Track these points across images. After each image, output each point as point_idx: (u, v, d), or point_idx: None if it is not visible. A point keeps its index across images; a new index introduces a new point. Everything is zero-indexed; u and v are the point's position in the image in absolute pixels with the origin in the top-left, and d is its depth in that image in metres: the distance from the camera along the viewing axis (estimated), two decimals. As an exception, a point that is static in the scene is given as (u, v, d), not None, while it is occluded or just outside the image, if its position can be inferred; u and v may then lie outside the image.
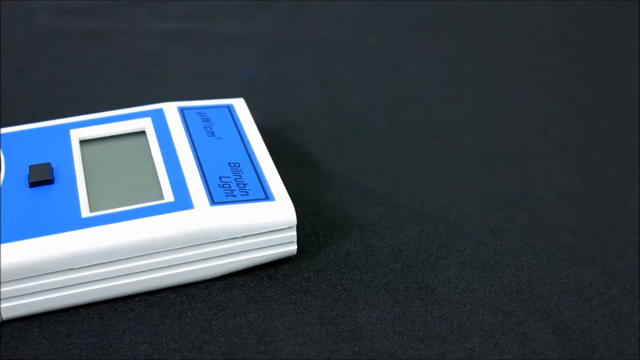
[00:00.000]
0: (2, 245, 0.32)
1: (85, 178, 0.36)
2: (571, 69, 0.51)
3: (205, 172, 0.36)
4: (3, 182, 0.36)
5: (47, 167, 0.36)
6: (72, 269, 0.33)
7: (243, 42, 0.55)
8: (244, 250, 0.35)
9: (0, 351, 0.32)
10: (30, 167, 0.36)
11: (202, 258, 0.34)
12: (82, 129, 0.39)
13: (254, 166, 0.37)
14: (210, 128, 0.39)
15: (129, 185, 0.36)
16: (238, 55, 0.53)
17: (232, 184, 0.36)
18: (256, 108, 0.43)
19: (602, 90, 0.49)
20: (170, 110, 0.40)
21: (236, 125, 0.40)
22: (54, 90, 0.50)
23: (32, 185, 0.35)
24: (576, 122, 0.46)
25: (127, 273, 0.34)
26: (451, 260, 0.37)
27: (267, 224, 0.34)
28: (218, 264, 0.35)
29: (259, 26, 0.57)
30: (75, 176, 0.36)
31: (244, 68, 0.51)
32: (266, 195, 0.35)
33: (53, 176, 0.36)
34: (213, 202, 0.34)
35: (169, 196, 0.35)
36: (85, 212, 0.34)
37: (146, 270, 0.34)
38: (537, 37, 0.55)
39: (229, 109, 0.41)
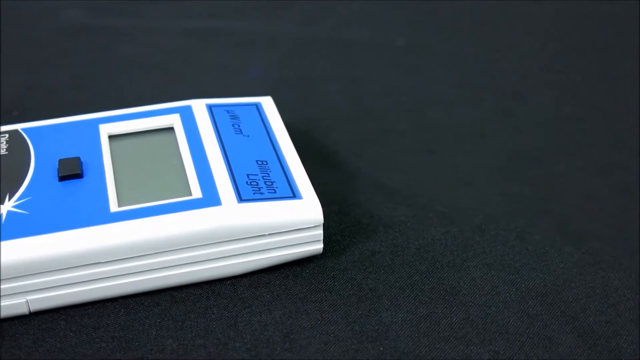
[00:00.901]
0: (31, 238, 0.33)
1: (114, 173, 0.36)
2: (595, 71, 0.51)
3: (233, 169, 0.36)
4: (32, 175, 0.36)
5: (77, 161, 0.36)
6: (99, 262, 0.33)
7: (269, 41, 0.55)
8: (270, 247, 0.35)
9: (29, 342, 0.33)
10: (59, 160, 0.36)
11: (229, 255, 0.34)
12: (111, 124, 0.39)
13: (281, 164, 0.37)
14: (238, 125, 0.39)
15: (157, 181, 0.36)
16: (264, 54, 0.53)
17: (259, 182, 0.36)
18: (281, 107, 0.43)
19: (625, 92, 0.49)
20: (199, 107, 0.40)
21: (264, 123, 0.40)
22: (81, 86, 0.50)
23: (62, 178, 0.36)
24: (600, 125, 0.46)
25: (154, 268, 0.34)
26: (476, 262, 0.37)
27: (294, 222, 0.35)
28: (244, 261, 0.35)
29: (285, 25, 0.57)
30: (104, 171, 0.36)
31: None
32: (293, 194, 0.35)
33: (82, 170, 0.36)
34: (241, 199, 0.34)
35: (197, 192, 0.35)
36: (113, 207, 0.34)
37: (173, 266, 0.34)
38: (560, 40, 0.55)
39: (257, 107, 0.41)
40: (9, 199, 0.35)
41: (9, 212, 0.34)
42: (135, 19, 0.58)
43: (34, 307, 0.34)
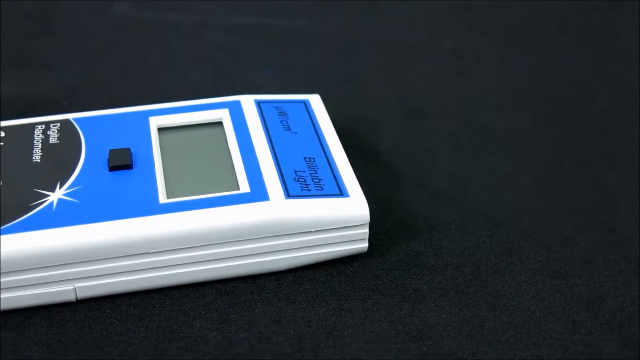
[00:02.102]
0: (81, 226, 0.33)
1: (163, 165, 0.37)
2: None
3: (281, 165, 0.36)
4: (83, 164, 0.36)
5: (127, 152, 0.37)
6: (147, 253, 0.33)
7: (316, 40, 0.55)
8: (315, 244, 0.35)
9: (75, 329, 0.33)
10: (110, 151, 0.37)
11: (274, 250, 0.35)
12: (160, 116, 0.40)
13: (329, 162, 0.37)
14: (287, 122, 0.40)
15: (206, 174, 0.37)
16: (310, 53, 0.54)
17: (307, 179, 0.36)
18: (328, 105, 0.43)
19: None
20: (248, 102, 0.41)
21: (312, 121, 0.40)
22: (129, 79, 0.51)
23: (112, 169, 0.36)
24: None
25: (200, 260, 0.34)
26: (521, 267, 0.36)
27: (341, 219, 0.35)
28: (289, 257, 0.35)
29: (331, 25, 0.57)
30: (154, 162, 0.37)
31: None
32: (341, 192, 0.35)
33: (132, 161, 0.36)
34: (288, 195, 0.35)
35: (244, 187, 0.35)
36: (162, 198, 0.34)
37: (218, 259, 0.34)
38: (612, 47, 0.54)
39: (305, 104, 0.41)
40: (60, 187, 0.35)
41: (59, 200, 0.34)
42: (184, 14, 0.58)
43: (81, 295, 0.34)
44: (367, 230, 0.35)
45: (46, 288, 0.33)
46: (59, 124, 0.39)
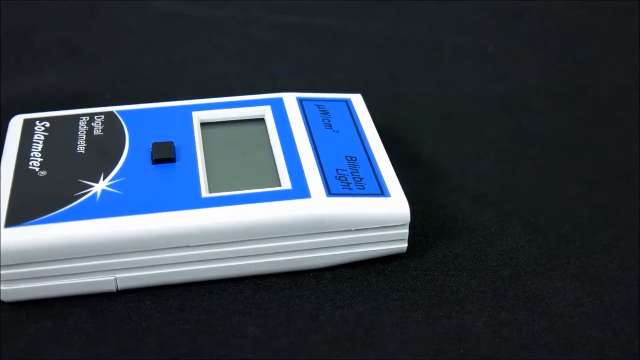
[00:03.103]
0: (123, 217, 0.33)
1: (205, 159, 0.37)
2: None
3: (322, 163, 0.37)
4: (127, 156, 0.37)
5: (170, 145, 0.37)
6: (188, 246, 0.34)
7: (359, 39, 0.55)
8: (355, 243, 0.35)
9: (115, 319, 0.33)
10: (153, 144, 0.37)
11: (314, 247, 0.35)
12: (203, 111, 0.40)
13: (370, 161, 0.37)
14: (328, 120, 0.40)
15: (247, 170, 0.37)
16: (352, 52, 0.54)
17: (348, 177, 0.36)
18: (369, 105, 0.43)
19: None
20: (290, 100, 0.41)
21: (354, 120, 0.40)
22: (170, 74, 0.51)
23: (155, 162, 0.36)
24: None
25: (240, 255, 0.34)
26: (560, 272, 0.36)
27: (381, 219, 0.35)
28: (328, 255, 0.35)
29: (373, 25, 0.57)
30: (196, 156, 0.37)
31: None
32: (382, 191, 0.35)
33: (175, 155, 0.37)
34: (330, 193, 0.35)
35: (286, 184, 0.35)
36: (204, 192, 0.35)
37: (258, 254, 0.35)
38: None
39: (347, 103, 0.41)
40: (104, 179, 0.35)
41: (103, 191, 0.35)
42: (226, 11, 0.58)
43: (122, 285, 0.34)
44: (407, 230, 0.35)
45: (88, 278, 0.34)
46: (103, 116, 0.40)
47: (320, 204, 0.34)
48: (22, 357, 0.32)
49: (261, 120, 0.40)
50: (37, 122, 0.39)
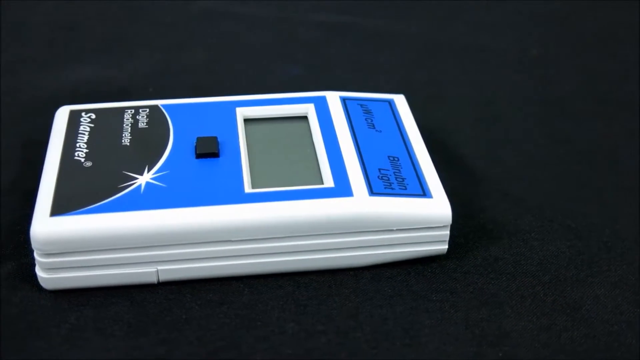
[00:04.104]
0: (167, 210, 0.34)
1: (249, 155, 0.37)
2: None
3: (365, 162, 0.37)
4: (171, 150, 0.37)
5: (214, 140, 0.37)
6: (230, 241, 0.34)
7: (400, 40, 0.55)
8: (396, 243, 0.35)
9: (156, 311, 0.34)
10: (197, 138, 0.37)
11: (355, 246, 0.35)
12: (247, 107, 0.40)
13: (412, 162, 0.37)
14: (371, 120, 0.40)
15: (290, 167, 0.37)
16: (393, 53, 0.54)
17: (390, 177, 0.36)
18: (410, 106, 0.43)
19: None
20: (333, 98, 0.41)
21: (396, 120, 0.40)
22: (212, 70, 0.51)
23: (199, 156, 0.37)
24: None
25: (281, 251, 0.35)
26: (601, 279, 0.36)
27: (423, 220, 0.35)
28: (369, 254, 0.35)
29: (417, 26, 0.57)
30: (240, 152, 0.37)
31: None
32: (424, 192, 0.35)
33: (219, 150, 0.37)
34: (372, 192, 0.35)
35: (328, 182, 0.35)
36: (247, 188, 0.35)
37: (299, 251, 0.35)
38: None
39: (390, 103, 0.41)
40: (148, 171, 0.36)
41: (147, 184, 0.35)
42: (267, 9, 0.59)
43: (163, 277, 0.35)
44: (448, 232, 0.35)
45: (130, 269, 0.34)
46: (148, 110, 0.40)
47: (362, 203, 0.34)
48: (64, 344, 0.32)
49: (304, 118, 0.40)
50: (83, 114, 0.40)
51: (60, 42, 0.54)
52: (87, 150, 0.37)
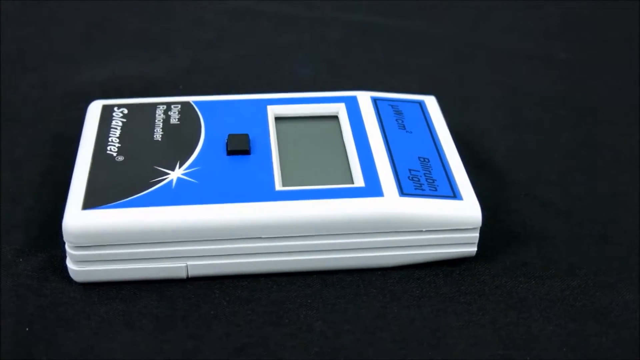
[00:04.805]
0: (198, 206, 0.34)
1: (280, 153, 0.37)
2: None
3: (395, 162, 0.37)
4: (202, 146, 0.37)
5: (246, 137, 0.37)
6: (260, 238, 0.34)
7: (430, 42, 0.55)
8: (425, 244, 0.35)
9: (184, 306, 0.34)
10: (229, 135, 0.38)
11: (384, 246, 0.35)
12: (278, 106, 0.40)
13: (443, 164, 0.37)
14: (402, 121, 0.40)
15: (321, 166, 0.37)
16: (423, 54, 0.54)
17: (421, 178, 0.36)
18: (440, 108, 0.43)
19: None
20: (364, 98, 0.41)
21: (427, 122, 0.40)
22: (242, 68, 0.52)
23: (230, 153, 0.37)
24: None
25: (309, 250, 0.35)
26: (630, 285, 0.36)
27: (453, 221, 0.35)
28: (398, 254, 0.35)
29: (446, 27, 0.57)
30: (270, 150, 0.37)
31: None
32: (454, 194, 0.35)
33: (250, 147, 0.37)
34: (402, 192, 0.35)
35: (359, 181, 0.36)
36: (278, 186, 0.35)
37: (328, 250, 0.35)
38: None
39: (420, 104, 0.41)
40: (179, 167, 0.36)
41: (178, 179, 0.35)
42: (298, 8, 0.59)
43: (192, 273, 0.35)
44: (477, 234, 0.35)
45: (159, 263, 0.34)
46: (179, 106, 0.40)
47: (392, 203, 0.34)
48: (93, 336, 0.32)
49: (335, 118, 0.40)
50: (115, 108, 0.40)
51: (93, 37, 0.55)
52: (119, 145, 0.37)
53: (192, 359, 0.32)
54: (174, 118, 0.39)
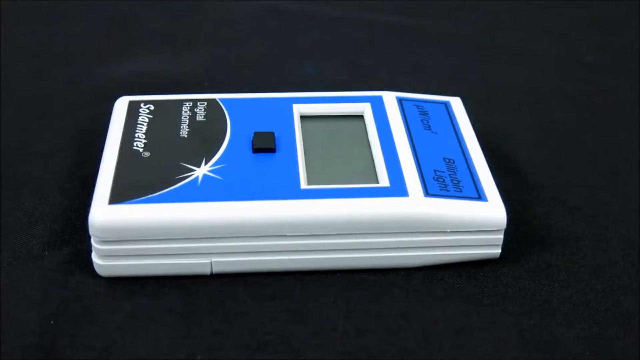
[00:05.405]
0: (223, 202, 0.34)
1: (305, 151, 0.37)
2: None
3: (420, 163, 0.37)
4: (228, 143, 0.37)
5: (271, 135, 0.37)
6: (284, 235, 0.34)
7: (454, 43, 0.55)
8: (449, 245, 0.35)
9: (208, 302, 0.34)
10: (255, 133, 0.38)
11: (408, 246, 0.35)
12: (304, 104, 0.40)
13: (468, 165, 0.37)
14: (427, 122, 0.40)
15: (346, 165, 0.37)
16: (445, 55, 0.54)
17: (446, 179, 0.36)
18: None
19: None
20: (389, 98, 0.41)
21: (452, 123, 0.40)
22: (266, 66, 0.52)
23: (256, 150, 0.37)
24: None
25: (334, 248, 0.35)
26: (655, 290, 0.36)
27: (477, 223, 0.35)
28: (421, 255, 0.35)
29: (469, 29, 0.57)
30: (296, 148, 0.37)
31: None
32: (479, 195, 0.35)
33: (275, 145, 0.37)
34: (427, 193, 0.35)
35: (384, 181, 0.36)
36: (303, 184, 0.35)
37: (352, 249, 0.35)
38: None
39: (446, 106, 0.41)
40: (205, 164, 0.36)
41: (204, 176, 0.35)
42: (323, 7, 0.59)
43: (216, 269, 0.35)
44: (502, 236, 0.35)
45: (184, 259, 0.34)
46: (206, 103, 0.40)
47: (417, 204, 0.34)
48: (118, 331, 0.33)
49: (360, 117, 0.40)
50: (142, 105, 0.40)
51: (119, 34, 0.55)
52: (146, 141, 0.37)
53: (215, 355, 0.32)
54: (200, 115, 0.39)
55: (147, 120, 0.39)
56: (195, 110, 0.40)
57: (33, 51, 0.52)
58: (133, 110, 0.40)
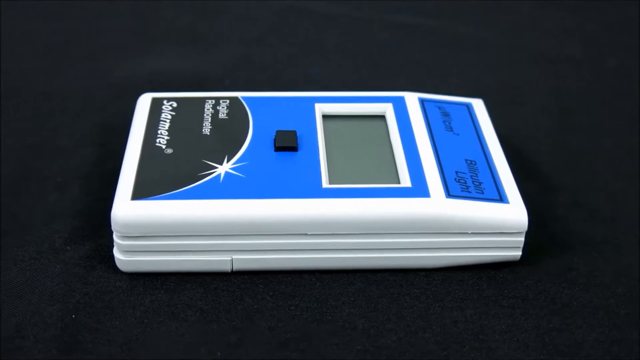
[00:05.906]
0: (245, 200, 0.34)
1: (327, 150, 0.38)
2: None
3: (442, 164, 0.37)
4: (250, 141, 0.38)
5: (294, 134, 0.38)
6: (305, 234, 0.34)
7: (474, 45, 0.55)
8: (470, 246, 0.35)
9: (228, 299, 0.34)
10: (277, 132, 0.38)
11: (428, 247, 0.35)
12: (326, 104, 0.40)
13: (489, 166, 0.37)
14: (449, 123, 0.40)
15: (368, 165, 0.37)
16: (467, 56, 0.54)
17: (467, 180, 0.36)
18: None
19: None
20: (411, 99, 0.41)
21: (474, 124, 0.40)
22: (287, 65, 0.52)
23: (278, 149, 0.37)
24: None
25: (354, 248, 0.35)
26: (676, 295, 0.36)
27: (498, 225, 0.35)
28: (442, 256, 0.35)
29: (490, 31, 0.57)
30: (318, 147, 0.37)
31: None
32: (500, 197, 0.35)
33: (297, 144, 0.37)
34: (449, 194, 0.35)
35: (405, 181, 0.36)
36: (325, 183, 0.35)
37: (373, 249, 0.35)
38: None
39: (468, 107, 0.41)
40: (227, 161, 0.36)
41: (226, 173, 0.35)
42: (343, 7, 0.59)
43: (237, 267, 0.35)
44: (523, 238, 0.35)
45: (205, 256, 0.35)
46: (228, 101, 0.40)
47: (439, 205, 0.34)
48: (138, 326, 0.33)
49: (382, 117, 0.40)
50: (164, 102, 0.40)
51: (142, 31, 0.55)
52: (168, 138, 0.38)
53: (235, 352, 0.32)
54: (223, 113, 0.40)
55: (169, 117, 0.39)
56: (217, 107, 0.40)
57: (56, 47, 0.52)
58: (156, 107, 0.40)
